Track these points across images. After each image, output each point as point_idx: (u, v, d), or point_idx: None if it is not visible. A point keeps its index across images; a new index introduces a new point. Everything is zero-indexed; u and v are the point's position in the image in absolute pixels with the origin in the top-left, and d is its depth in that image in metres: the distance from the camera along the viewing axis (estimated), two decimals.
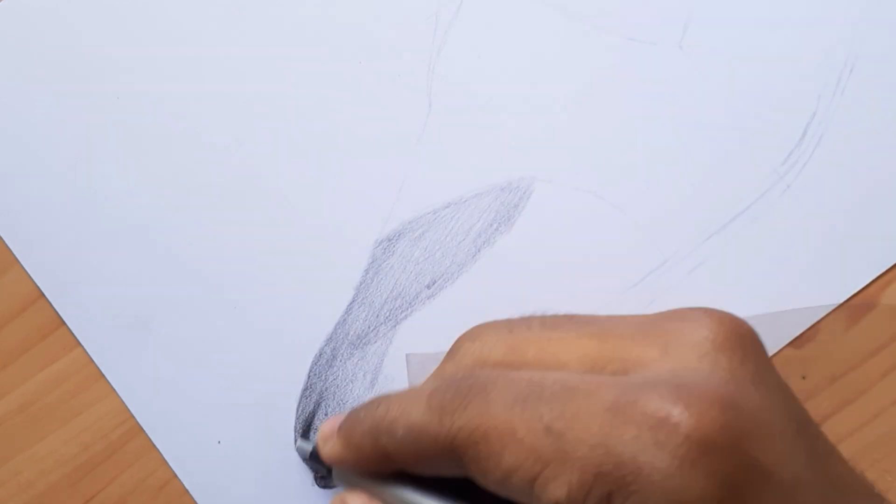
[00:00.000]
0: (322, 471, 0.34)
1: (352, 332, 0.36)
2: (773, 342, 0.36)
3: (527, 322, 0.30)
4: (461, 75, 0.37)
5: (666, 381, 0.26)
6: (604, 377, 0.27)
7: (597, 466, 0.25)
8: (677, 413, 0.25)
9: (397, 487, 0.30)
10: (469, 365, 0.30)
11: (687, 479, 0.24)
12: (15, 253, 0.36)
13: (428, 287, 0.36)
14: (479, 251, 0.37)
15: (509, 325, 0.31)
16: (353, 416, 0.31)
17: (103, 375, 0.36)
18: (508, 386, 0.27)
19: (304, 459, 0.35)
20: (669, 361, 0.27)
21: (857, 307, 0.37)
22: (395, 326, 0.36)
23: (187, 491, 0.35)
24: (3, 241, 0.36)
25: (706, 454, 0.25)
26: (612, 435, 0.25)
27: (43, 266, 0.36)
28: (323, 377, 0.36)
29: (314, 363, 0.36)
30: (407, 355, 0.35)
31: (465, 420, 0.27)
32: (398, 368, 0.36)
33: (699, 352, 0.27)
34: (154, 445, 0.35)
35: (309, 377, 0.36)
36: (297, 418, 0.36)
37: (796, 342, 0.36)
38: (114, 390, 0.36)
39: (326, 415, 0.36)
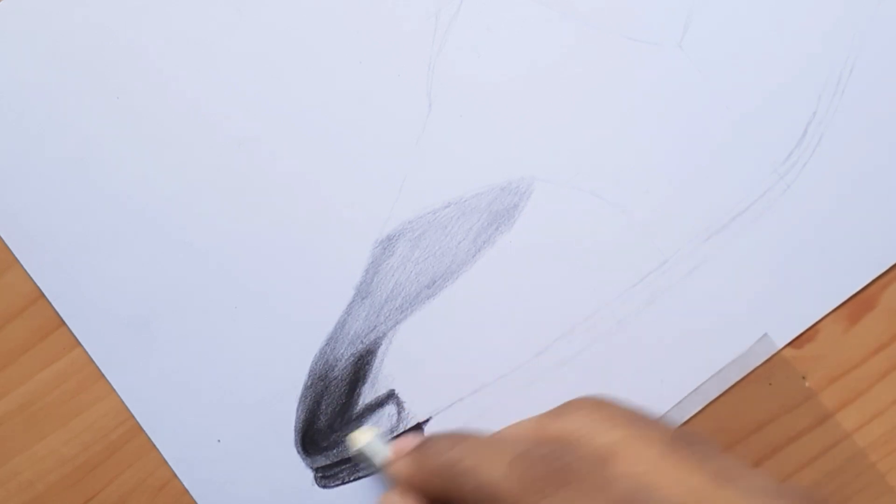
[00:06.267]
0: (364, 466, 0.35)
1: (352, 332, 0.36)
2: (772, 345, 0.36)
3: (653, 424, 0.29)
4: (461, 75, 0.37)
5: None
6: None
7: None
8: None
9: None
10: (573, 434, 0.28)
11: None
12: (15, 253, 0.36)
13: (428, 287, 0.36)
14: (479, 251, 0.37)
15: (632, 416, 0.29)
16: (431, 445, 0.31)
17: (103, 375, 0.36)
18: (606, 487, 0.26)
19: (353, 452, 0.35)
20: None
21: (857, 307, 0.37)
22: (395, 326, 0.36)
23: (187, 491, 0.35)
24: (3, 241, 0.36)
25: None
26: None
27: (43, 266, 0.36)
28: (323, 377, 0.36)
29: (314, 363, 0.36)
30: None
31: None
32: (398, 368, 0.36)
33: None
34: (154, 445, 0.35)
35: (309, 377, 0.36)
36: (297, 418, 0.36)
37: (796, 342, 0.36)
38: (114, 390, 0.36)
39: (327, 414, 0.36)
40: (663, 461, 0.27)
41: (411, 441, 0.32)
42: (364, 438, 0.34)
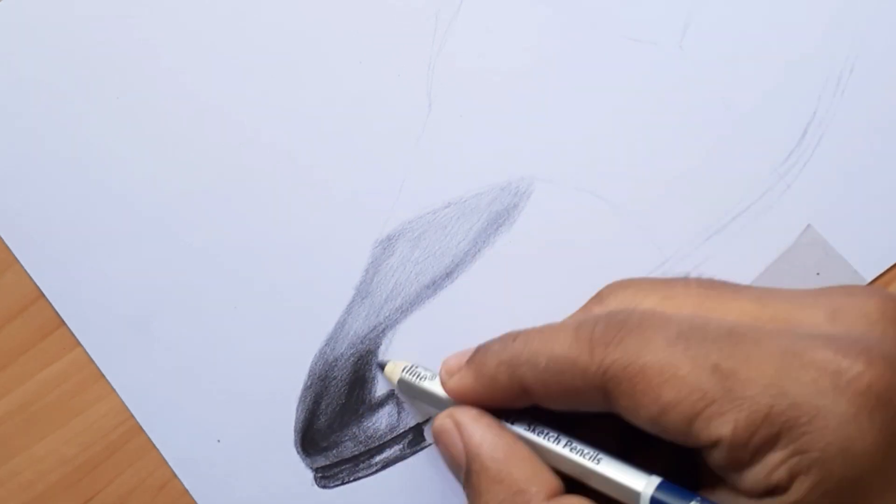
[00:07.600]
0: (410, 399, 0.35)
1: (352, 332, 0.36)
2: None
3: (683, 280, 0.31)
4: (461, 75, 0.37)
5: (838, 338, 0.26)
6: (771, 328, 0.27)
7: (768, 406, 0.25)
8: (858, 365, 0.25)
9: (519, 424, 0.31)
10: (620, 308, 0.30)
11: (861, 429, 0.25)
12: (15, 253, 0.36)
13: (428, 287, 0.36)
14: (479, 251, 0.37)
15: (664, 280, 0.31)
16: (486, 349, 0.31)
17: (103, 375, 0.36)
18: (667, 324, 0.27)
19: (396, 386, 0.35)
20: (837, 326, 0.27)
21: None
22: (394, 326, 0.36)
23: (187, 491, 0.35)
24: (3, 241, 0.36)
25: (884, 407, 0.25)
26: (788, 377, 0.25)
27: (43, 266, 0.36)
28: (323, 377, 0.36)
29: (314, 363, 0.36)
30: None
31: (621, 353, 0.27)
32: None
33: (869, 320, 0.27)
34: (154, 445, 0.35)
35: (309, 377, 0.36)
36: (297, 418, 0.36)
37: None
38: (114, 390, 0.36)
39: (326, 414, 0.36)
40: (706, 300, 0.29)
41: (459, 356, 0.32)
42: (398, 369, 0.34)
